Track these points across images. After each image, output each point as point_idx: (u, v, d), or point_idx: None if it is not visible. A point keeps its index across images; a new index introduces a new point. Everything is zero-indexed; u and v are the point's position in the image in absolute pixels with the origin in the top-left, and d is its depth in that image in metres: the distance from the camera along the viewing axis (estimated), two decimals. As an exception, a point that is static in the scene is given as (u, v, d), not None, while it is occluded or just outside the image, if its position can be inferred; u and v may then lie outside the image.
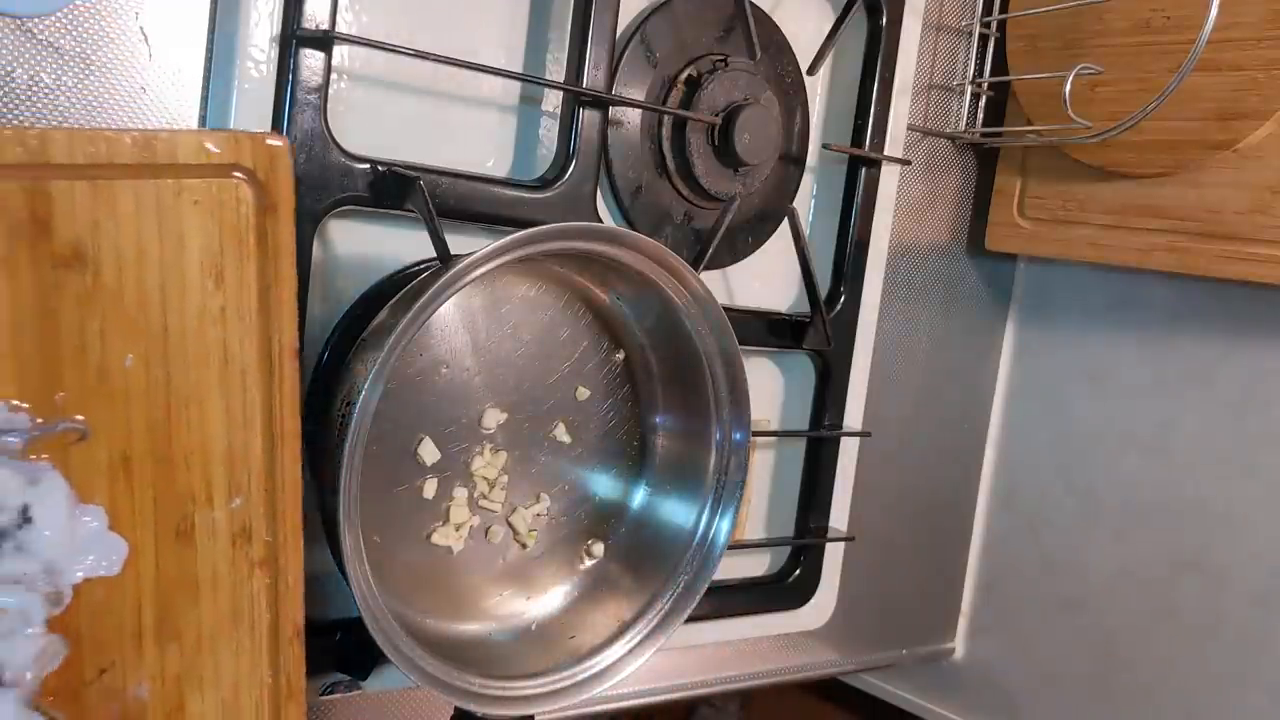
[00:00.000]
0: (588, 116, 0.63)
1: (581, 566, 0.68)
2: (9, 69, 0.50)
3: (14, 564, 0.44)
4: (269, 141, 0.47)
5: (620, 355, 0.68)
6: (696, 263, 0.67)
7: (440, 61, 0.57)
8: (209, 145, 0.45)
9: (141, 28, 0.53)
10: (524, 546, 0.66)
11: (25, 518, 0.44)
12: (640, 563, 0.68)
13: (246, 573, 0.50)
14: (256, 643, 0.51)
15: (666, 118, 0.68)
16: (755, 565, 0.80)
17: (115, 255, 0.44)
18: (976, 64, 0.89)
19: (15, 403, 0.44)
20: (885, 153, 0.77)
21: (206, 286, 0.47)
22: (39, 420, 0.44)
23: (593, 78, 0.62)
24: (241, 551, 0.50)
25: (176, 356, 0.46)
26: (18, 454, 0.44)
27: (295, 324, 0.50)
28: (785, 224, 0.74)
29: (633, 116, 0.67)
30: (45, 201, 0.42)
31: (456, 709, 0.59)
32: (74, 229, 0.43)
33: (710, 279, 0.72)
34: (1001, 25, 0.88)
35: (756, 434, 0.75)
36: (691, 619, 0.66)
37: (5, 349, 0.43)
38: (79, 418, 0.45)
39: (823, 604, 0.81)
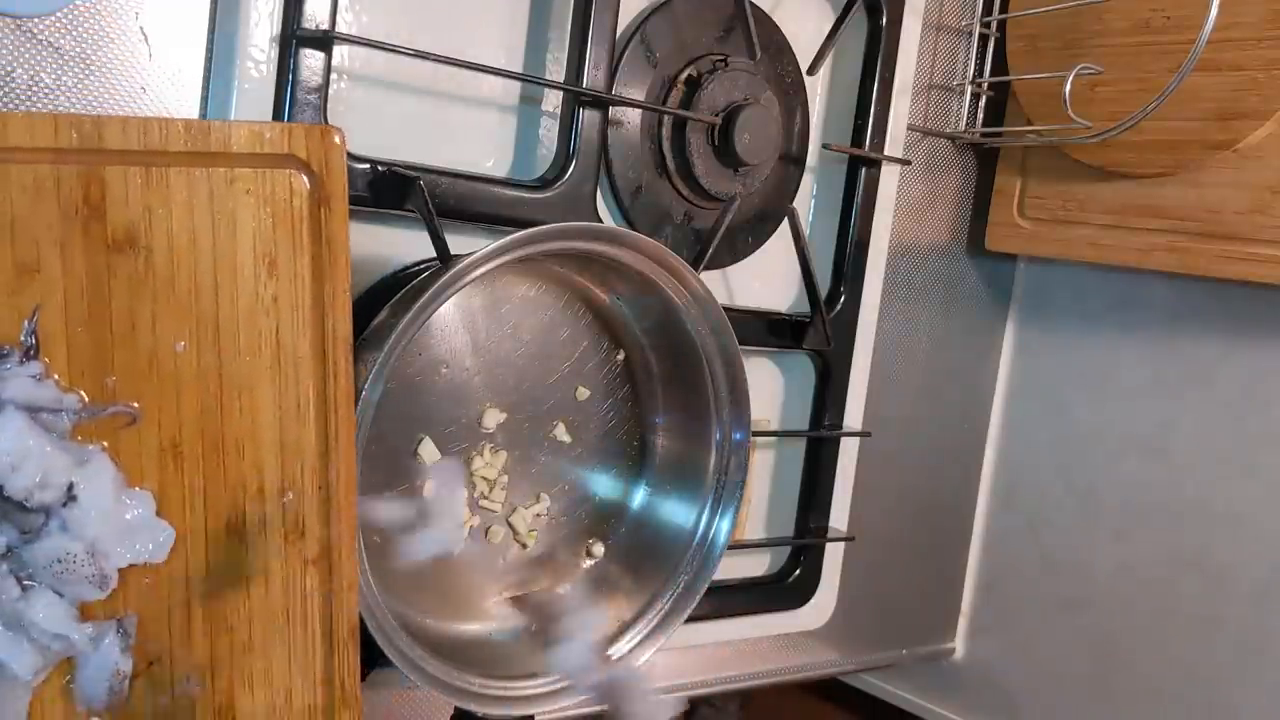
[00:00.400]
0: (588, 116, 0.63)
1: (581, 566, 0.68)
2: (9, 69, 0.50)
3: (58, 542, 0.44)
4: (324, 133, 0.47)
5: (620, 355, 0.68)
6: (696, 263, 0.67)
7: (440, 61, 0.57)
8: (263, 135, 0.46)
9: (141, 28, 0.53)
10: (524, 546, 0.66)
11: (71, 496, 0.44)
12: (640, 563, 0.68)
13: (299, 570, 0.49)
14: (310, 643, 0.50)
15: (666, 118, 0.68)
16: (755, 565, 0.80)
17: (167, 241, 0.44)
18: (976, 64, 0.89)
19: (65, 384, 0.44)
20: (885, 153, 0.77)
21: (259, 275, 0.47)
22: (89, 402, 0.44)
23: (593, 78, 0.62)
24: (294, 547, 0.49)
25: (228, 344, 0.46)
26: (66, 434, 0.44)
27: (349, 318, 0.49)
28: (785, 224, 0.74)
29: (633, 116, 0.67)
30: (99, 186, 0.43)
31: (456, 709, 0.59)
32: (127, 214, 0.43)
33: (710, 279, 0.72)
34: (1001, 25, 0.88)
35: (756, 434, 0.75)
36: (691, 619, 0.66)
37: (57, 330, 0.43)
38: (132, 404, 0.45)
39: (823, 604, 0.81)
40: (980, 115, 0.90)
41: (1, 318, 0.42)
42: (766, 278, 0.76)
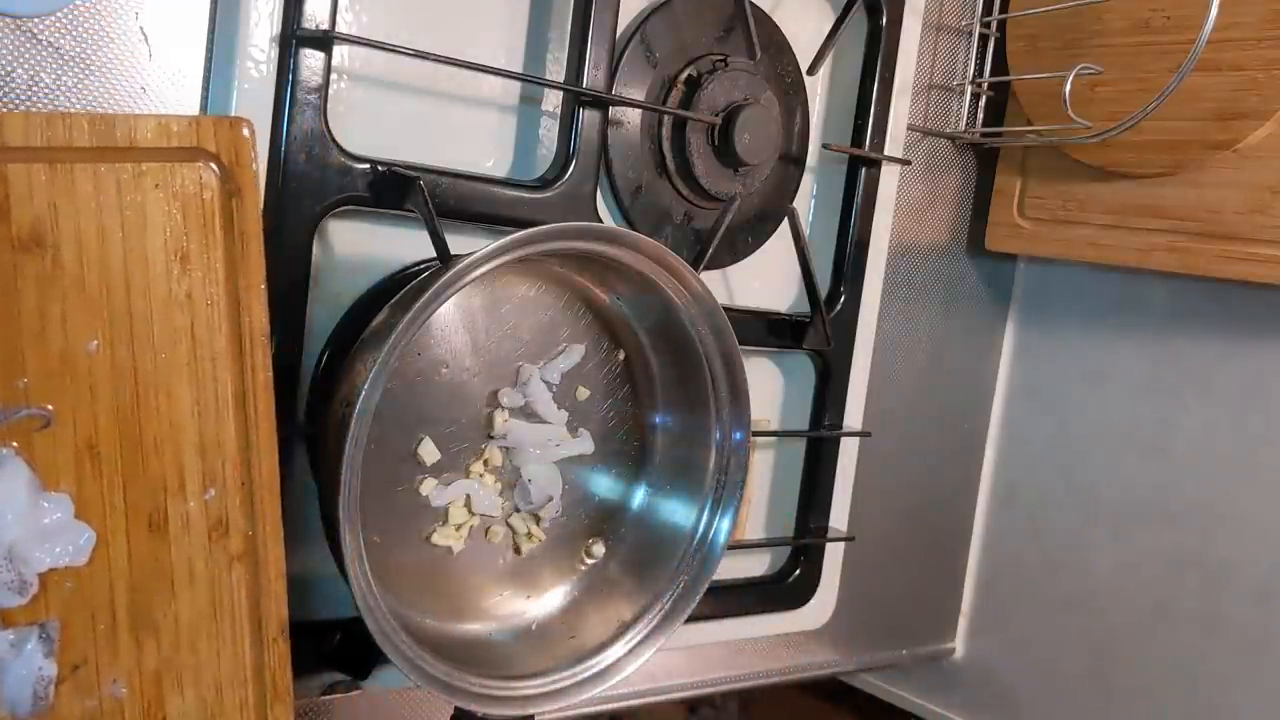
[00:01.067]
0: (588, 116, 0.63)
1: (581, 566, 0.68)
2: (9, 69, 0.50)
3: None
4: (233, 125, 0.47)
5: (620, 355, 0.68)
6: (696, 263, 0.67)
7: (440, 61, 0.57)
8: (170, 128, 0.45)
9: (141, 28, 0.53)
10: (518, 551, 0.66)
11: None
12: (640, 563, 0.68)
13: (225, 566, 0.49)
14: (239, 640, 0.50)
15: (666, 118, 0.68)
16: (755, 565, 0.80)
17: (75, 238, 0.44)
18: (976, 64, 0.89)
19: None
20: (885, 153, 0.77)
21: (171, 271, 0.46)
22: (3, 406, 0.44)
23: (593, 78, 0.62)
24: (219, 545, 0.49)
25: (143, 341, 0.46)
26: None
27: (265, 311, 0.49)
28: (785, 224, 0.74)
29: (633, 116, 0.67)
30: (1, 184, 0.42)
31: (456, 709, 0.59)
32: (32, 211, 0.43)
33: (710, 279, 0.72)
34: (1001, 25, 0.88)
35: (756, 434, 0.75)
36: (691, 619, 0.66)
37: None
38: (45, 406, 0.45)
39: (823, 604, 0.81)
40: (980, 115, 0.90)
41: None
42: (766, 278, 0.76)
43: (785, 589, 0.79)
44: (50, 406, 0.45)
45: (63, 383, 0.45)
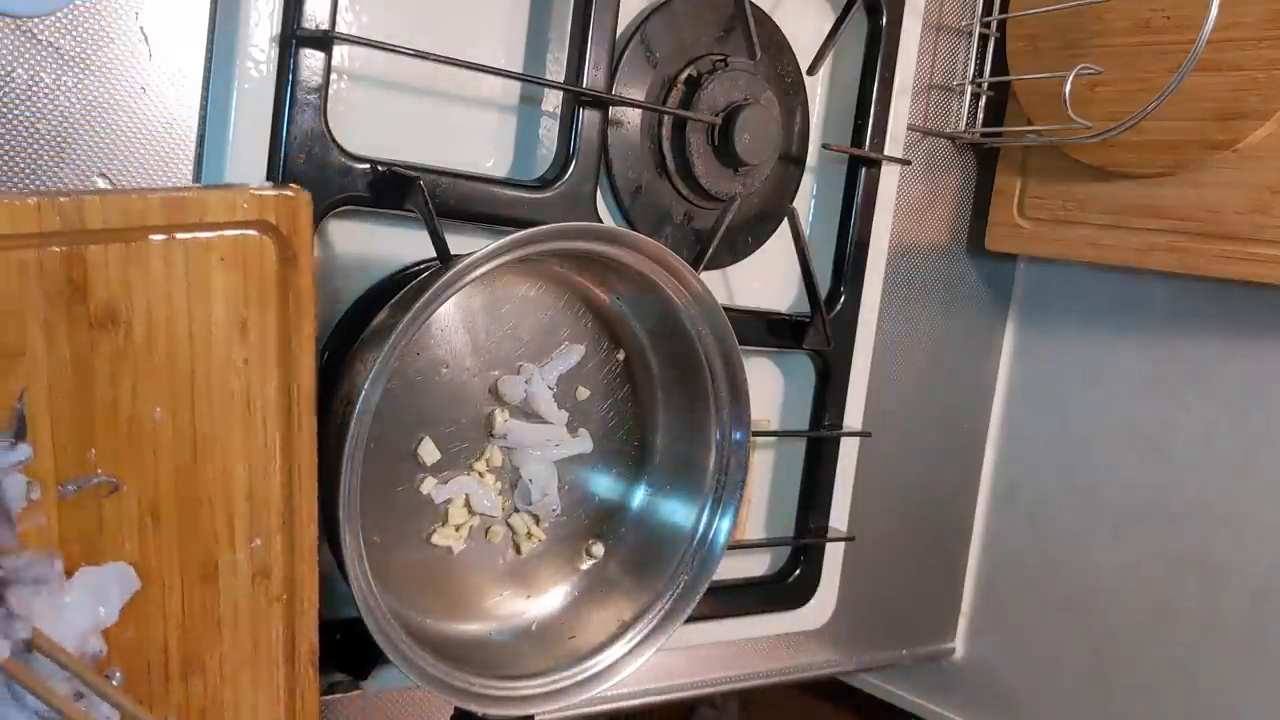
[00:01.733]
0: (588, 116, 0.63)
1: (581, 566, 0.68)
2: (9, 69, 0.50)
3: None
4: (290, 195, 0.48)
5: (620, 355, 0.68)
6: (696, 263, 0.67)
7: (440, 61, 0.57)
8: (236, 202, 0.47)
9: (141, 28, 0.53)
10: (518, 551, 0.66)
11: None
12: (640, 563, 0.68)
13: (266, 606, 0.51)
14: (274, 670, 0.52)
15: (666, 118, 0.68)
16: (755, 565, 0.80)
17: (146, 313, 0.45)
18: (976, 64, 0.89)
19: (50, 462, 0.45)
20: (885, 153, 0.77)
21: (231, 338, 0.48)
22: (73, 476, 0.45)
23: (593, 78, 0.62)
24: (261, 587, 0.51)
25: (202, 406, 0.48)
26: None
27: (314, 370, 0.51)
28: (785, 224, 0.74)
29: (633, 116, 0.67)
30: (81, 266, 0.43)
31: (456, 709, 0.59)
32: (108, 290, 0.44)
33: (710, 279, 0.72)
34: (1001, 25, 0.88)
35: (756, 434, 0.75)
36: (691, 619, 0.66)
37: (42, 408, 0.44)
38: (113, 475, 0.46)
39: (823, 604, 0.81)
40: (980, 115, 0.90)
41: None
42: (766, 278, 0.76)
43: (785, 589, 0.79)
44: (117, 474, 0.46)
45: (128, 451, 0.46)
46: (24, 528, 0.44)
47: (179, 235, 0.46)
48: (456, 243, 0.55)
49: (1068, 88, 0.75)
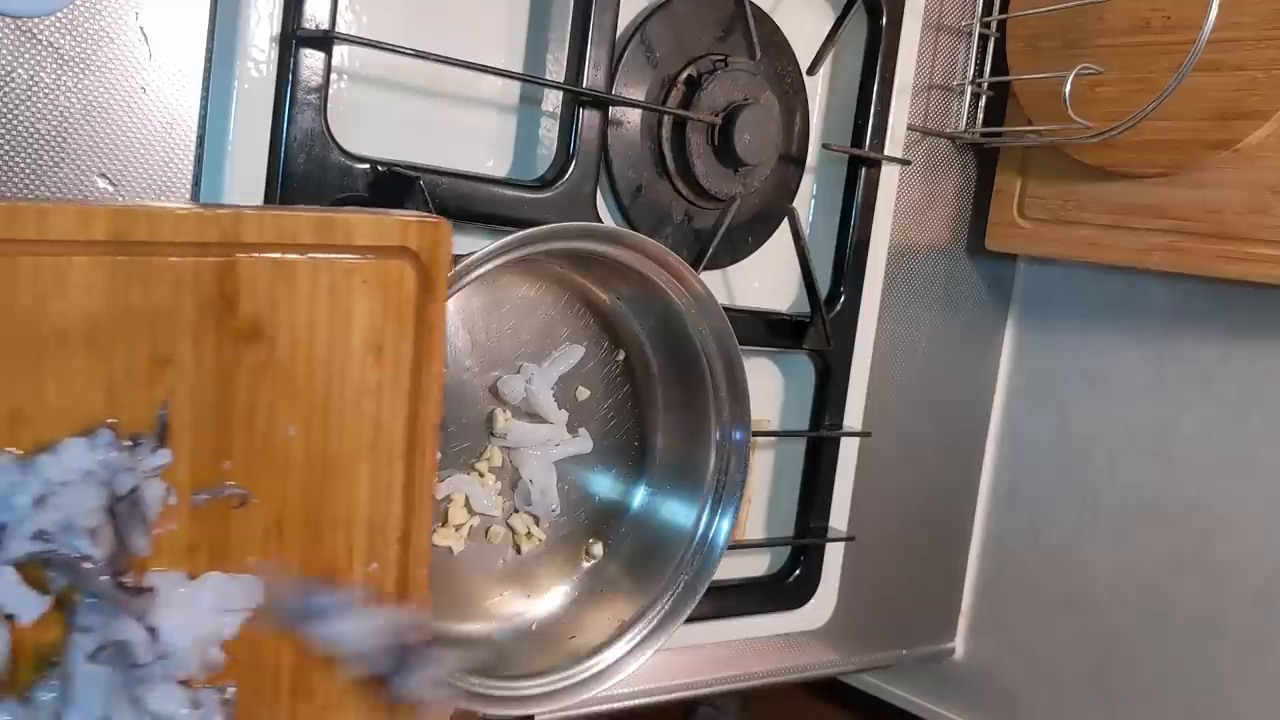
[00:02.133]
0: (588, 116, 0.63)
1: (581, 567, 0.68)
2: (9, 69, 0.50)
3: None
4: (436, 226, 0.49)
5: (620, 355, 0.68)
6: (696, 263, 0.67)
7: (440, 61, 0.57)
8: (381, 227, 0.47)
9: (141, 28, 0.53)
10: (518, 550, 0.66)
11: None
12: (640, 563, 0.68)
13: None
14: (377, 704, 0.52)
15: (666, 118, 0.68)
16: (755, 565, 0.80)
17: (290, 330, 0.46)
18: (976, 64, 0.89)
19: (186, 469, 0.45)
20: (885, 153, 0.77)
21: (366, 362, 0.48)
22: (207, 485, 0.46)
23: (593, 78, 0.62)
24: None
25: (334, 427, 0.48)
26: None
27: (441, 400, 0.51)
28: (785, 224, 0.74)
29: (633, 116, 0.67)
30: (233, 279, 0.44)
31: (456, 709, 0.59)
32: (256, 304, 0.45)
33: (710, 279, 0.72)
34: (1001, 25, 0.88)
35: (756, 434, 0.75)
36: (691, 619, 0.66)
37: (184, 417, 0.44)
38: (245, 487, 0.47)
39: (823, 604, 0.81)
40: (980, 115, 0.90)
41: (137, 406, 0.43)
42: (766, 278, 0.76)
43: (785, 589, 0.79)
44: (248, 487, 0.47)
45: (261, 465, 0.47)
46: (156, 533, 0.44)
47: (326, 255, 0.46)
48: (457, 243, 0.55)
49: (1068, 88, 0.75)
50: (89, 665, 0.44)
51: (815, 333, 0.75)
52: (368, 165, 0.56)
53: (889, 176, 0.78)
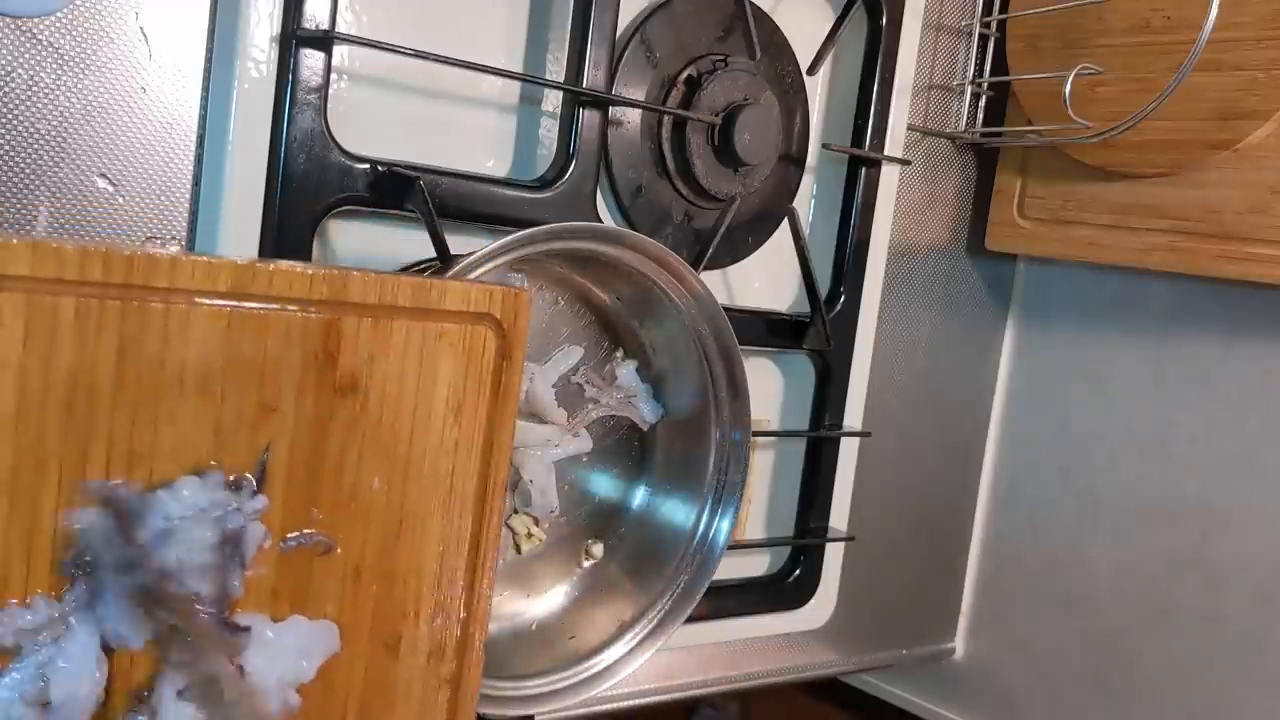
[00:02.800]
0: (588, 116, 0.63)
1: (581, 566, 0.68)
2: (9, 69, 0.50)
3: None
4: (518, 295, 0.51)
5: (620, 355, 0.68)
6: (696, 263, 0.67)
7: (440, 61, 0.57)
8: (469, 295, 0.50)
9: (141, 28, 0.53)
10: (519, 550, 0.66)
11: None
12: (640, 563, 0.68)
13: (436, 688, 0.53)
14: None
15: (666, 118, 0.68)
16: (755, 565, 0.80)
17: (381, 387, 0.48)
18: (976, 64, 0.89)
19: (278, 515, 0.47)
20: (885, 153, 0.77)
21: (447, 420, 0.50)
22: (299, 532, 0.48)
23: (593, 78, 0.62)
24: (434, 668, 0.52)
25: (414, 482, 0.50)
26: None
27: (508, 465, 0.53)
28: (785, 224, 0.74)
29: (633, 116, 0.67)
30: (336, 335, 0.47)
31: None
32: (354, 361, 0.48)
33: (710, 279, 0.72)
34: (1001, 25, 0.88)
35: (756, 434, 0.75)
36: (691, 619, 0.66)
37: (282, 466, 0.47)
38: (327, 537, 0.49)
39: (822, 604, 0.81)
40: (980, 115, 0.90)
41: (240, 450, 0.46)
42: (766, 278, 0.76)
43: (785, 589, 0.79)
44: (333, 535, 0.49)
45: (346, 515, 0.49)
46: (247, 575, 0.46)
47: (419, 320, 0.49)
48: (456, 243, 0.55)
49: (1068, 88, 0.75)
50: (177, 701, 0.45)
51: (815, 333, 0.75)
52: (368, 165, 0.56)
53: (889, 176, 0.78)
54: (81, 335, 0.42)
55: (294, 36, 0.53)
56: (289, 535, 0.47)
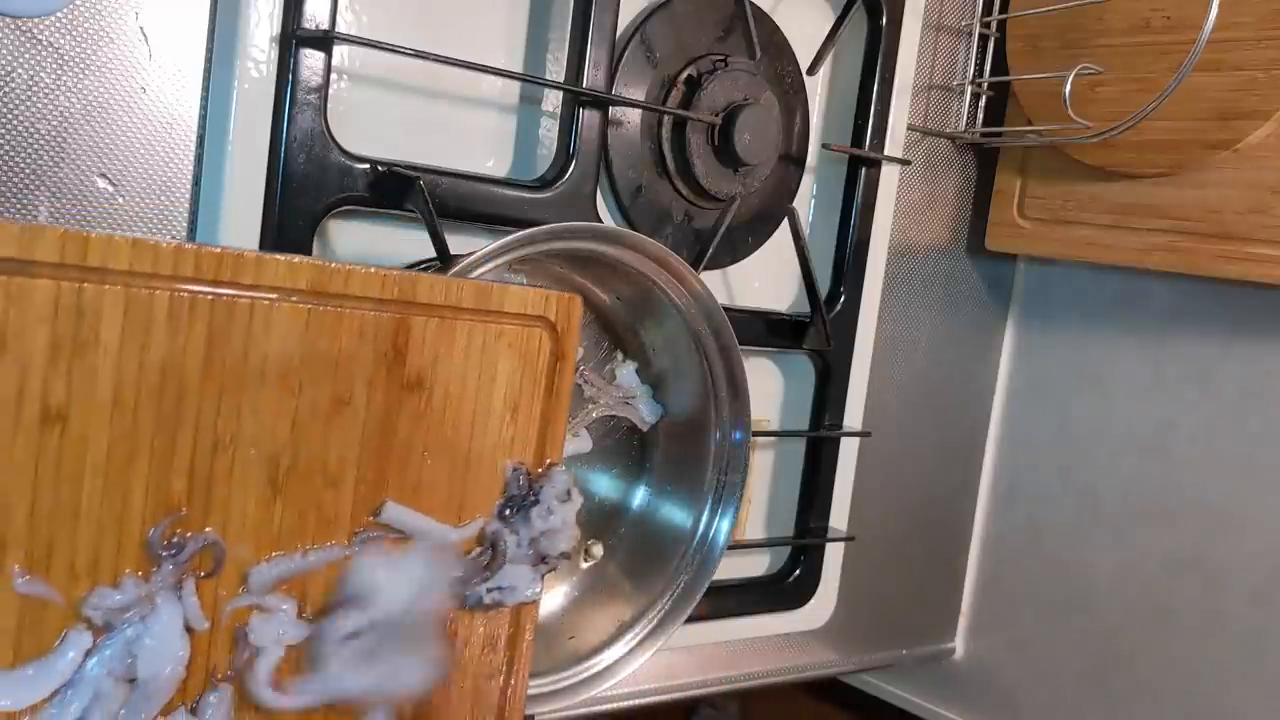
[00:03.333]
0: (588, 116, 0.63)
1: (581, 567, 0.68)
2: (9, 69, 0.50)
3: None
4: (571, 300, 0.54)
5: (620, 355, 0.68)
6: (696, 263, 0.67)
7: (440, 61, 0.57)
8: (527, 298, 0.53)
9: (141, 28, 0.53)
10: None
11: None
12: (640, 563, 0.68)
13: (485, 679, 0.54)
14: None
15: (666, 118, 0.68)
16: (755, 565, 0.80)
17: (445, 384, 0.51)
18: (976, 64, 0.89)
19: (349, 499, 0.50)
20: (885, 153, 0.77)
21: (505, 418, 0.53)
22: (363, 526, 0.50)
23: (593, 78, 0.62)
24: (486, 657, 0.54)
25: (472, 477, 0.53)
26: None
27: (561, 459, 0.56)
28: (785, 224, 0.74)
29: (633, 116, 0.67)
30: (405, 333, 0.49)
31: (456, 709, 0.59)
32: (421, 358, 0.50)
33: (710, 279, 0.72)
34: (1001, 25, 0.88)
35: (756, 434, 0.75)
36: (691, 619, 0.66)
37: (352, 457, 0.49)
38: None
39: (822, 604, 0.81)
40: (980, 115, 0.90)
41: (315, 440, 0.48)
42: (766, 278, 0.76)
43: (785, 589, 0.79)
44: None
45: (412, 507, 0.51)
46: None
47: (481, 320, 0.51)
48: (456, 243, 0.55)
49: (1068, 88, 0.75)
50: (258, 683, 0.47)
51: (815, 333, 0.75)
52: (368, 165, 0.56)
53: (889, 176, 0.78)
54: (173, 328, 0.43)
55: (294, 36, 0.53)
56: (358, 527, 0.49)
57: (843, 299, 0.77)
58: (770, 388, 0.79)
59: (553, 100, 0.65)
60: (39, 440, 0.41)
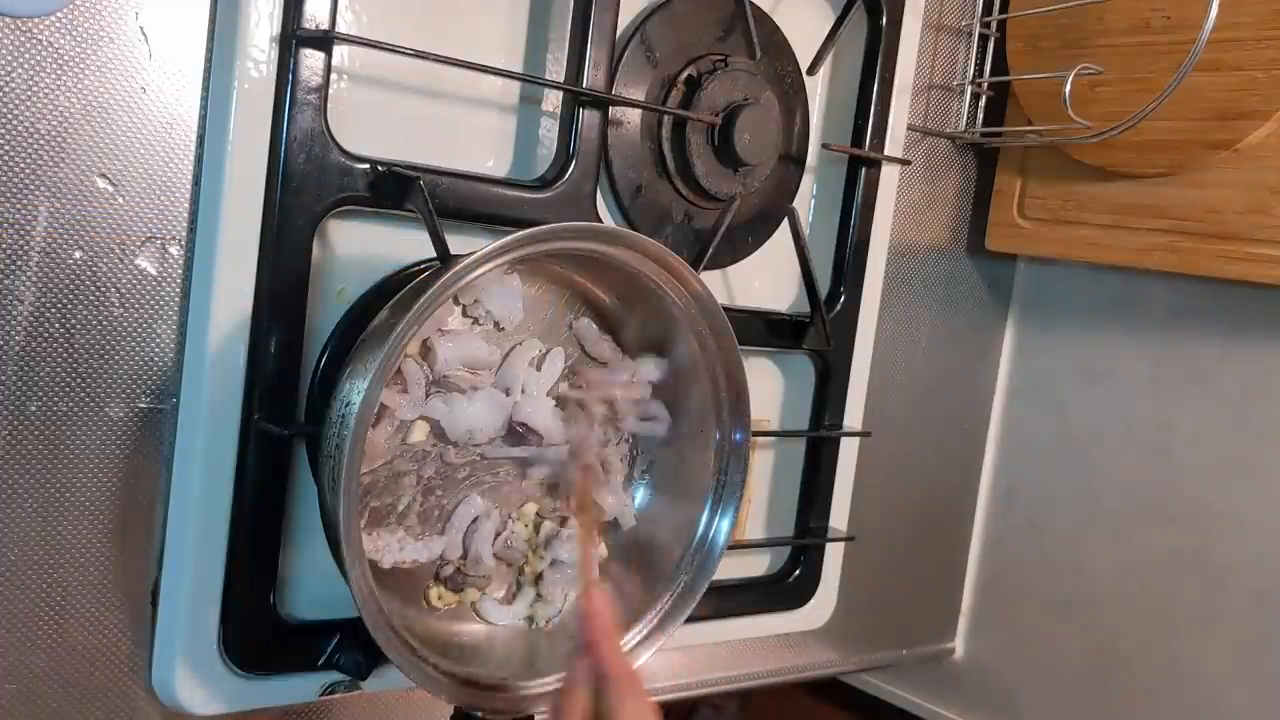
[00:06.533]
0: (588, 116, 0.63)
1: (581, 566, 0.68)
2: (9, 69, 0.50)
3: None
4: None
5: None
6: (696, 263, 0.67)
7: (440, 61, 0.57)
8: None
9: (141, 28, 0.53)
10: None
11: None
12: (640, 563, 0.68)
13: None
14: None
15: (666, 118, 0.68)
16: (755, 565, 0.80)
17: None
18: (976, 64, 0.89)
19: None
20: (885, 153, 0.77)
21: None
22: None
23: (593, 78, 0.62)
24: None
25: None
26: None
27: None
28: (785, 224, 0.74)
29: (633, 116, 0.67)
30: None
31: (456, 709, 0.59)
32: None
33: (710, 279, 0.71)
34: (1001, 25, 0.88)
35: (756, 434, 0.75)
36: (691, 619, 0.66)
37: None
38: None
39: (823, 604, 0.81)
40: (980, 115, 0.90)
41: None
42: (766, 278, 0.76)
43: (785, 589, 0.79)
44: None
45: None
46: None
47: None
48: (456, 243, 0.55)
49: (1068, 88, 0.75)
50: None
51: (815, 333, 0.75)
52: (368, 165, 0.56)
53: (889, 176, 0.78)
54: None
55: (294, 36, 0.53)
56: None
57: (843, 299, 0.77)
58: (770, 388, 0.79)
59: (553, 100, 0.65)
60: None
